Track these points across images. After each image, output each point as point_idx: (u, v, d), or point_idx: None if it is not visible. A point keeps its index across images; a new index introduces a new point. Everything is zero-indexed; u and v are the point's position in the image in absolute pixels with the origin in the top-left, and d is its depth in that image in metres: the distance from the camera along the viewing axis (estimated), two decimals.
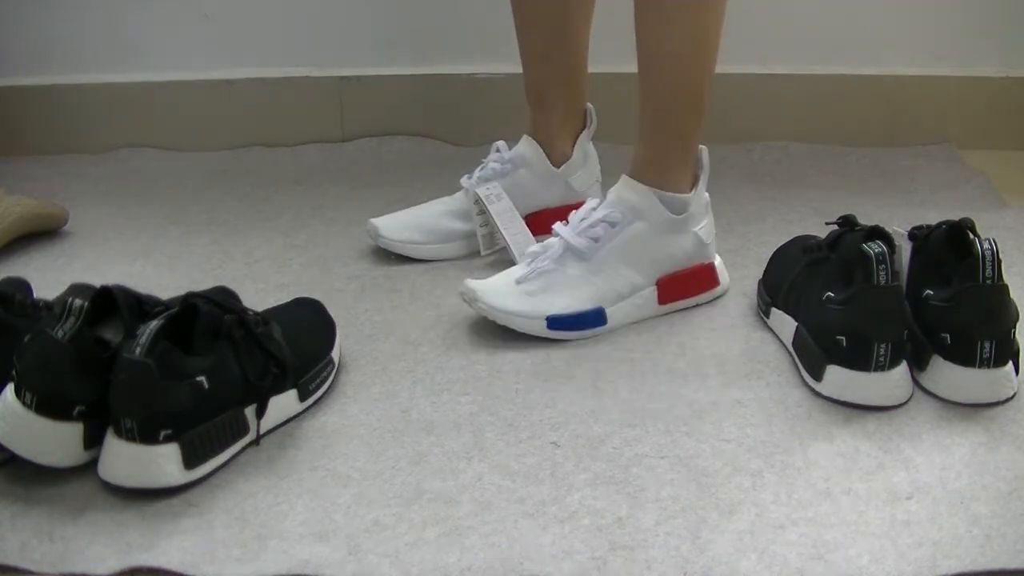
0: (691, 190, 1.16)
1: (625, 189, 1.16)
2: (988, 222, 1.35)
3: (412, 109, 1.74)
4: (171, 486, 0.89)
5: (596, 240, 1.14)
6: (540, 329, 1.12)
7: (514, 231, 1.28)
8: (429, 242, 1.32)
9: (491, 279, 1.16)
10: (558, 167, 1.33)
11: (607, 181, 1.28)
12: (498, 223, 1.28)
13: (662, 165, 1.15)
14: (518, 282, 1.14)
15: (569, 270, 1.14)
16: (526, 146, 1.33)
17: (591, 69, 1.35)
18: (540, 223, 1.30)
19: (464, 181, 1.33)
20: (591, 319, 1.14)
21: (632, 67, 1.15)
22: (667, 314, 1.19)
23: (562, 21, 1.30)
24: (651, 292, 1.17)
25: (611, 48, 1.36)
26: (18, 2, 1.71)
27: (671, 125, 1.16)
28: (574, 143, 1.34)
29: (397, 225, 1.33)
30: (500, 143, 1.35)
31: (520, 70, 1.35)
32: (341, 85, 1.74)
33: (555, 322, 1.13)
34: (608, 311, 1.15)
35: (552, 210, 1.32)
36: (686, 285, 1.19)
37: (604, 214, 1.15)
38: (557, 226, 1.17)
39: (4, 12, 1.71)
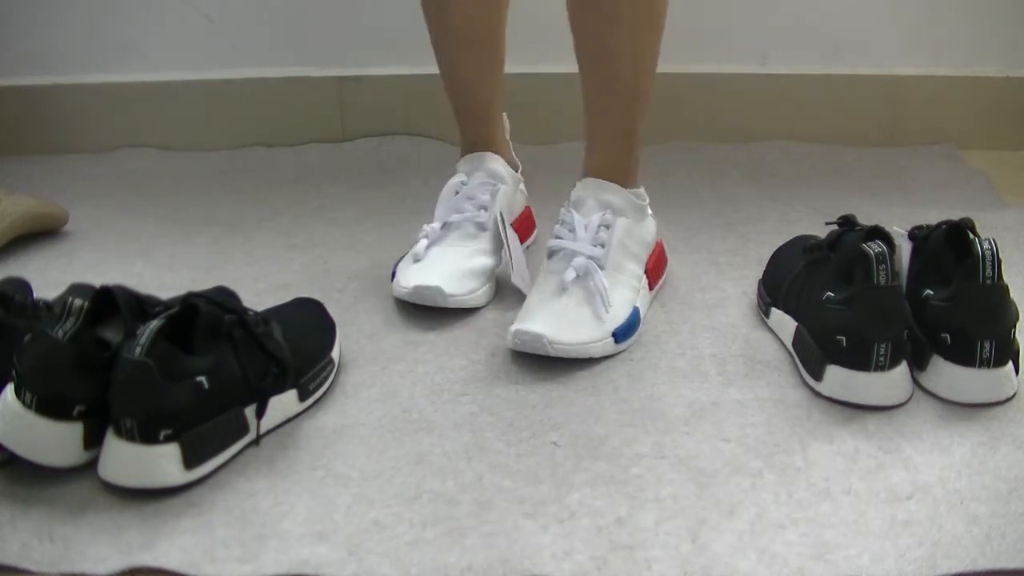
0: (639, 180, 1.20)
1: (599, 191, 1.15)
2: (988, 222, 1.35)
3: (412, 109, 1.74)
4: (171, 486, 0.89)
5: (603, 246, 1.14)
6: (612, 348, 1.10)
7: (517, 250, 1.24)
8: (485, 284, 1.22)
9: (533, 314, 1.09)
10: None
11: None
12: (510, 243, 1.23)
13: (618, 169, 1.17)
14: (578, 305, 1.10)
15: (598, 281, 1.11)
16: (496, 163, 1.30)
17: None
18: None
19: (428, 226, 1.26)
20: (636, 319, 1.14)
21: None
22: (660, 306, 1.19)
23: (495, 35, 1.30)
24: (644, 281, 1.18)
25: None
26: (18, 2, 1.71)
27: (619, 126, 1.16)
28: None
29: (450, 279, 1.18)
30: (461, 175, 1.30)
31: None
32: (341, 85, 1.74)
33: (619, 334, 1.10)
34: (639, 308, 1.15)
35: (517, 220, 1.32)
36: (658, 266, 1.23)
37: (598, 219, 1.14)
38: (563, 242, 1.14)
39: (4, 12, 1.71)
